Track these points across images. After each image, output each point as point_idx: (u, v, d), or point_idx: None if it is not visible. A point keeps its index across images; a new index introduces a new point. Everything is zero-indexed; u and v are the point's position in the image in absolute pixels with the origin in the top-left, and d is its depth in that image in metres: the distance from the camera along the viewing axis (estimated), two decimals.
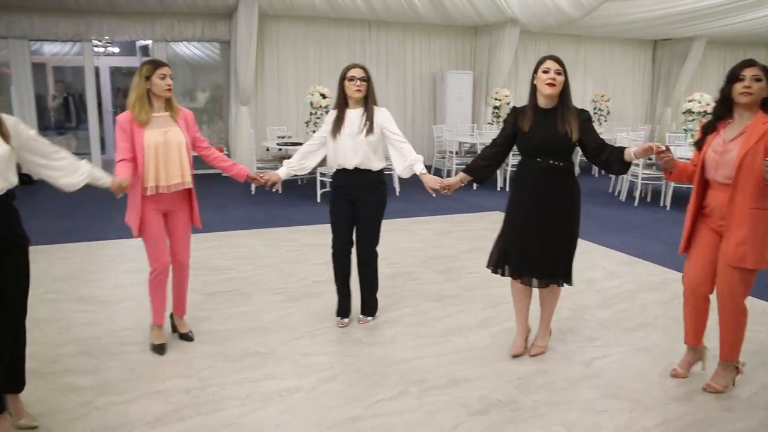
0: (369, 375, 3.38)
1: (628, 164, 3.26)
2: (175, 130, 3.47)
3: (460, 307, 4.43)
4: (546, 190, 3.36)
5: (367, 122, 3.75)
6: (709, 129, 3.14)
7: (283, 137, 9.86)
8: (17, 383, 2.78)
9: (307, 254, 5.80)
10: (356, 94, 3.74)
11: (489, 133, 10.39)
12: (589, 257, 5.79)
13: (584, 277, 5.12)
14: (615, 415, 3.00)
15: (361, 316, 4.14)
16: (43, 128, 11.27)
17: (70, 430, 2.81)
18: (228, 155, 10.96)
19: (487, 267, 3.64)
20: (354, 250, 4.03)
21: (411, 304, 4.47)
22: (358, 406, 3.04)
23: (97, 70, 12.03)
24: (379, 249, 4.11)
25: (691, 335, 3.35)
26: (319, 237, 6.40)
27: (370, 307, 4.17)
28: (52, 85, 12.48)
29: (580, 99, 13.29)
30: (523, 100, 3.54)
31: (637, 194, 8.65)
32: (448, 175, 10.12)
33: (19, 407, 2.81)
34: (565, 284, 3.52)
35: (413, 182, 3.79)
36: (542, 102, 3.35)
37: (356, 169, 3.81)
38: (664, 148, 3.02)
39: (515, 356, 3.62)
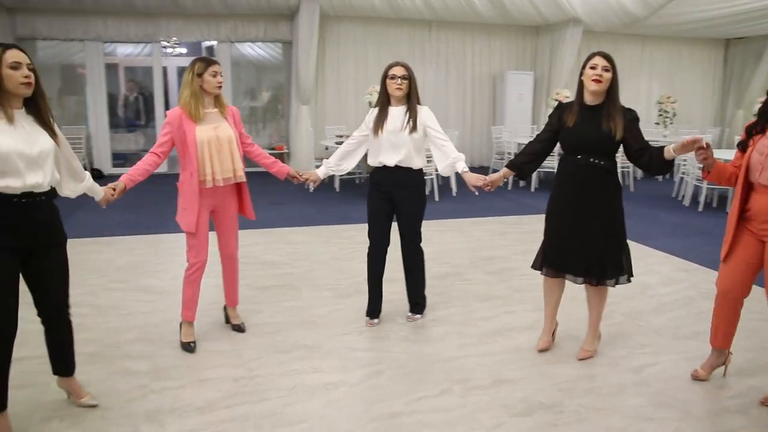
0: (413, 372, 3.42)
1: (670, 164, 3.19)
2: (224, 125, 3.55)
3: (509, 308, 4.40)
4: (585, 188, 3.34)
5: (410, 120, 3.77)
6: (754, 130, 3.03)
7: (341, 136, 9.98)
8: (68, 367, 2.94)
9: (360, 252, 5.83)
10: (397, 92, 3.75)
11: None
12: (646, 262, 5.65)
13: (639, 282, 4.99)
14: (662, 424, 2.93)
15: (410, 314, 4.16)
16: (115, 126, 11.78)
17: (126, 410, 2.96)
18: (288, 153, 11.21)
19: (532, 267, 3.66)
20: (396, 250, 4.04)
21: (459, 304, 4.48)
22: (400, 402, 3.07)
23: (165, 70, 12.48)
24: (432, 248, 4.14)
25: (719, 338, 3.28)
26: None
27: (418, 305, 4.18)
28: (124, 85, 13.02)
29: (644, 101, 12.95)
30: None
31: (701, 199, 8.35)
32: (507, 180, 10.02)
33: (77, 388, 2.97)
34: (617, 284, 3.46)
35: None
36: (588, 98, 3.32)
37: (397, 167, 3.81)
38: (705, 143, 2.92)
39: (541, 351, 3.67)
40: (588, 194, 3.34)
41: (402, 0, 10.14)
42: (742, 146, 3.07)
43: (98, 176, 10.20)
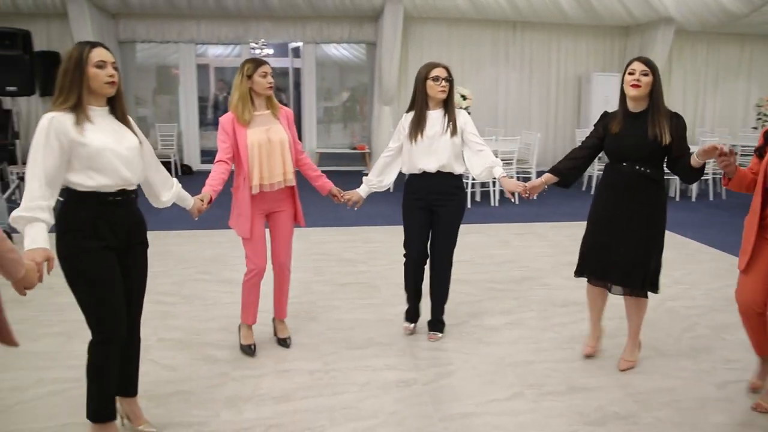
0: (485, 374, 3.42)
1: (698, 170, 3.14)
2: (277, 127, 3.46)
3: (587, 314, 4.31)
4: (630, 196, 3.27)
5: (451, 123, 3.62)
6: None
7: None
8: (133, 387, 2.78)
9: None
10: (440, 95, 3.60)
11: None
12: (735, 274, 5.37)
13: (727, 295, 4.77)
14: None
15: (431, 333, 3.91)
16: (204, 124, 12.29)
17: (208, 395, 3.12)
18: (369, 153, 11.36)
19: (575, 275, 3.60)
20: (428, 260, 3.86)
21: (536, 308, 4.43)
22: (471, 403, 3.09)
23: None
24: (510, 251, 4.11)
25: (761, 348, 3.17)
26: None
27: (441, 323, 3.95)
28: (214, 84, 13.56)
29: (742, 104, 12.34)
30: (675, 106, 3.40)
31: None
32: (590, 183, 9.80)
33: (138, 412, 2.80)
34: (648, 294, 3.42)
35: (552, 187, 3.70)
36: (630, 105, 3.27)
37: (438, 173, 3.64)
38: (727, 150, 2.82)
39: (587, 357, 3.62)
40: (632, 203, 3.27)
41: (486, 0, 10.08)
42: (760, 152, 2.97)
43: (188, 172, 10.69)
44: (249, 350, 3.61)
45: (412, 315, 3.99)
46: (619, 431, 2.87)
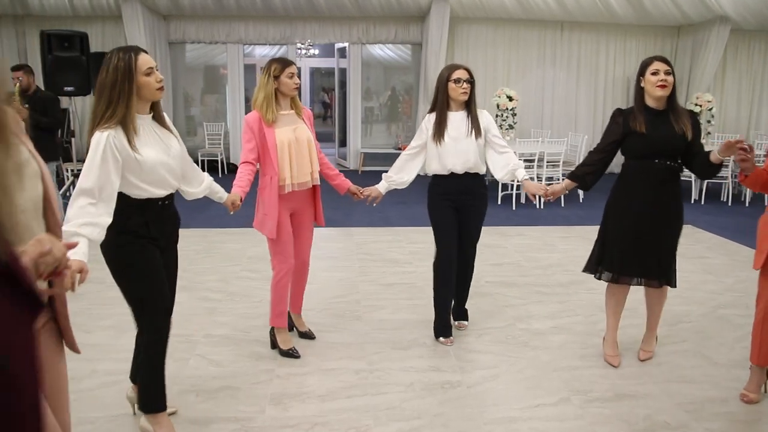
0: (531, 378, 3.39)
1: (716, 167, 3.23)
2: (302, 127, 3.48)
3: (636, 320, 4.21)
4: (663, 191, 3.34)
5: (474, 124, 3.68)
6: None
7: None
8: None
9: (482, 254, 5.83)
10: (461, 97, 3.65)
11: None
12: None
13: None
14: None
15: (458, 323, 4.06)
16: None
17: (253, 391, 3.17)
18: None
19: (584, 271, 3.66)
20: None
21: (582, 313, 4.37)
22: (517, 407, 3.06)
23: (299, 71, 13.04)
24: (557, 255, 4.07)
25: (760, 356, 3.12)
26: (495, 238, 6.44)
27: (465, 311, 4.11)
28: None
29: None
30: (729, 108, 3.38)
31: None
32: None
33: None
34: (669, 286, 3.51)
35: (597, 188, 3.67)
36: (652, 103, 3.32)
37: (465, 174, 3.71)
38: (747, 145, 2.88)
39: (617, 365, 3.55)
40: (664, 197, 3.34)
41: (534, 0, 9.97)
42: None
43: (234, 170, 10.84)
44: (294, 353, 3.57)
45: (447, 328, 3.88)
46: None
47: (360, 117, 11.68)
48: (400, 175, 3.89)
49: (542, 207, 8.29)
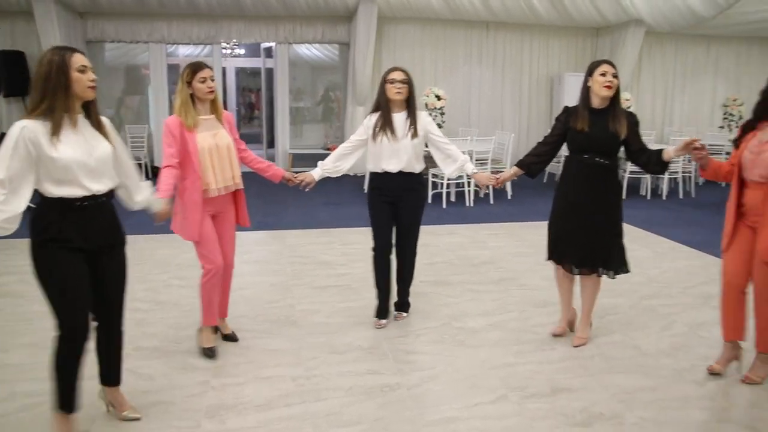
0: (469, 377, 3.40)
1: (666, 164, 3.51)
2: (222, 132, 3.47)
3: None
4: (592, 184, 3.59)
5: (412, 126, 3.82)
6: (748, 128, 3.26)
7: None
8: (116, 377, 2.89)
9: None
10: (396, 96, 3.78)
11: None
12: (709, 272, 5.47)
13: (702, 293, 4.86)
14: None
15: (397, 313, 4.22)
16: None
17: (188, 405, 3.04)
18: None
19: (547, 259, 3.90)
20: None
21: (515, 309, 4.43)
22: (456, 407, 3.07)
23: (224, 71, 12.75)
24: (487, 252, 4.11)
25: (730, 331, 3.40)
26: (427, 237, 6.46)
27: (406, 304, 4.25)
28: None
29: (708, 103, 12.55)
30: (645, 105, 3.57)
31: None
32: None
33: (121, 400, 2.91)
34: (609, 275, 3.69)
35: (526, 185, 3.77)
36: (596, 103, 3.58)
37: (400, 173, 3.86)
38: (700, 144, 3.20)
39: (555, 336, 3.93)
40: (594, 190, 3.59)
41: (460, 1, 10.09)
42: (736, 143, 3.30)
43: (159, 174, 10.49)
44: (212, 353, 3.56)
45: (383, 311, 4.12)
46: None
47: (287, 118, 11.52)
48: (336, 164, 3.97)
49: (472, 205, 8.41)
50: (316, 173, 3.96)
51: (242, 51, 13.71)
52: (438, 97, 9.04)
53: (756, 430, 2.92)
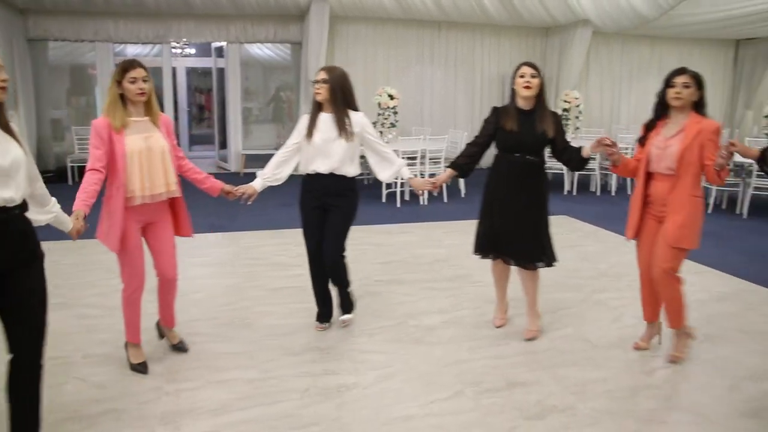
0: (425, 374, 3.43)
1: (586, 160, 3.73)
2: (157, 135, 3.23)
3: (520, 310, 4.38)
4: (524, 181, 3.74)
5: (343, 126, 3.68)
6: (650, 127, 3.54)
7: None
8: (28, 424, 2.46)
9: (369, 253, 5.89)
10: (316, 96, 3.70)
11: None
12: None
13: None
14: (675, 427, 2.94)
15: (342, 318, 4.08)
16: None
17: (141, 412, 2.98)
18: None
19: (474, 253, 3.99)
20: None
21: (470, 306, 4.48)
22: (413, 405, 3.09)
23: (174, 71, 12.54)
24: (442, 251, 4.15)
25: (649, 313, 3.78)
26: (382, 237, 6.49)
27: (346, 305, 4.08)
28: None
29: (653, 102, 12.89)
30: (593, 104, 3.70)
31: (711, 201, 8.34)
32: None
33: None
34: (545, 266, 3.84)
35: (479, 183, 3.83)
36: (521, 103, 3.73)
37: (331, 174, 3.72)
38: (610, 142, 3.45)
39: (498, 327, 4.08)
40: (525, 187, 3.74)
41: (412, 1, 10.14)
42: (641, 141, 3.56)
43: None
44: (142, 368, 3.38)
45: (322, 315, 4.07)
46: (559, 424, 2.94)
47: (240, 118, 11.38)
48: (275, 172, 3.84)
49: (426, 203, 8.46)
50: (257, 184, 3.80)
51: (193, 51, 13.50)
52: (391, 97, 9.07)
53: (702, 416, 3.02)
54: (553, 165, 9.67)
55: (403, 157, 8.37)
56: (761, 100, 12.58)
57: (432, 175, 8.46)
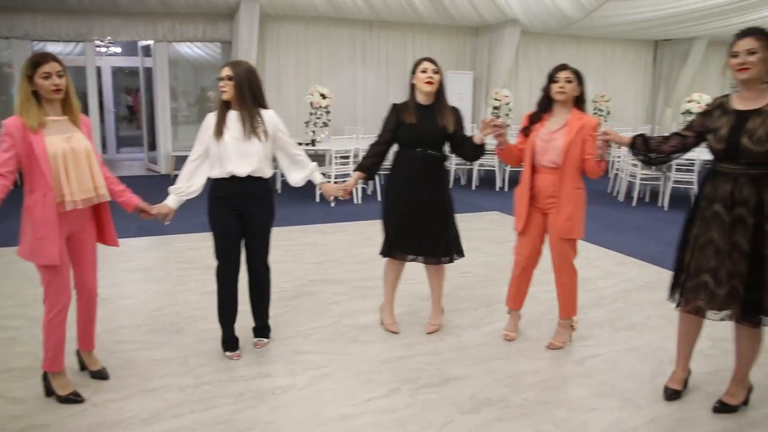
0: (361, 373, 3.43)
1: (480, 147, 3.78)
2: (78, 135, 2.97)
3: (454, 306, 4.46)
4: (426, 176, 3.76)
5: (256, 125, 3.42)
6: (535, 119, 3.64)
7: None
8: None
9: (305, 254, 5.85)
10: (222, 95, 3.42)
11: None
12: (585, 257, 5.80)
13: (579, 277, 5.15)
14: (604, 413, 3.04)
15: (256, 340, 3.79)
16: None
17: (66, 426, 2.86)
18: None
19: (381, 254, 3.97)
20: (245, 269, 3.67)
21: (404, 303, 4.50)
22: (350, 404, 3.08)
23: (99, 70, 12.10)
24: (374, 249, 4.15)
25: (515, 302, 3.90)
26: (317, 237, 6.46)
27: (267, 328, 3.83)
28: None
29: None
30: (523, 102, 3.77)
31: (635, 194, 8.68)
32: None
33: None
34: (449, 261, 3.90)
35: None
36: (421, 99, 3.75)
37: (249, 177, 3.45)
38: (498, 122, 3.55)
39: (393, 332, 3.98)
40: (428, 182, 3.77)
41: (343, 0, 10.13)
42: (525, 132, 3.66)
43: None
44: (75, 397, 3.07)
45: (233, 341, 3.66)
46: (492, 416, 2.99)
47: (169, 119, 11.08)
48: (189, 184, 3.53)
49: (360, 202, 8.46)
50: (172, 202, 3.50)
51: (119, 49, 13.06)
52: (323, 96, 9.03)
53: (628, 401, 3.14)
54: (485, 162, 9.88)
55: (336, 157, 8.39)
56: (679, 98, 13.17)
57: None
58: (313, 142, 8.97)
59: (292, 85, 11.30)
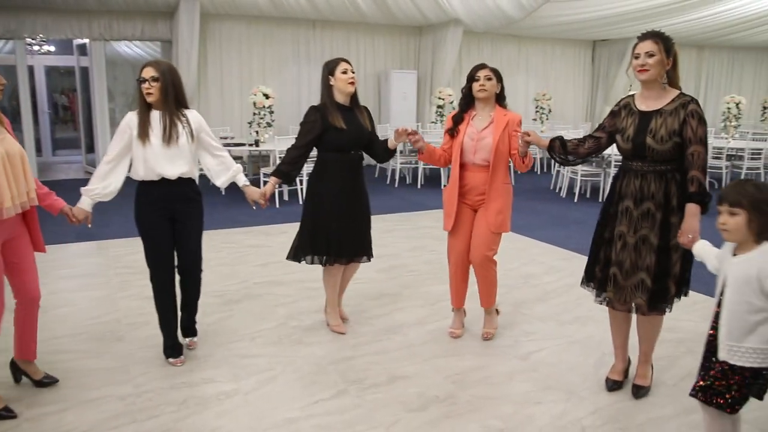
0: (308, 375, 3.39)
1: (392, 152, 3.91)
2: (9, 138, 2.86)
3: (400, 305, 4.47)
4: (357, 178, 3.84)
5: (182, 126, 3.33)
6: (459, 119, 3.71)
7: (225, 138, 9.76)
8: None
9: (249, 256, 5.77)
10: (147, 98, 3.28)
11: (433, 132, 10.50)
12: (529, 253, 5.92)
13: (523, 273, 5.25)
14: (550, 406, 3.09)
15: (188, 340, 3.73)
16: None
17: None
18: None
19: (288, 258, 3.98)
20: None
21: (350, 303, 4.47)
22: (297, 407, 3.04)
23: (31, 70, 11.66)
24: None
25: (458, 300, 3.94)
26: (262, 238, 6.39)
27: (194, 328, 3.77)
28: None
29: (522, 98, 13.55)
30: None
31: (576, 190, 8.88)
32: (393, 175, 10.21)
33: None
34: (368, 260, 4.02)
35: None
36: (342, 99, 3.76)
37: (179, 179, 3.34)
38: (411, 130, 3.59)
39: (340, 333, 3.96)
40: (359, 183, 3.85)
41: None
42: (450, 132, 3.72)
43: None
44: (7, 413, 2.92)
45: (177, 347, 3.56)
46: (440, 413, 3.01)
47: (108, 120, 10.76)
48: (104, 185, 3.33)
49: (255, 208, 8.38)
50: (86, 204, 3.32)
51: (52, 48, 12.61)
52: (266, 96, 8.92)
53: (572, 393, 3.21)
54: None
55: (280, 157, 8.28)
56: (617, 97, 13.55)
57: None
58: (256, 143, 8.85)
59: (235, 85, 11.13)
